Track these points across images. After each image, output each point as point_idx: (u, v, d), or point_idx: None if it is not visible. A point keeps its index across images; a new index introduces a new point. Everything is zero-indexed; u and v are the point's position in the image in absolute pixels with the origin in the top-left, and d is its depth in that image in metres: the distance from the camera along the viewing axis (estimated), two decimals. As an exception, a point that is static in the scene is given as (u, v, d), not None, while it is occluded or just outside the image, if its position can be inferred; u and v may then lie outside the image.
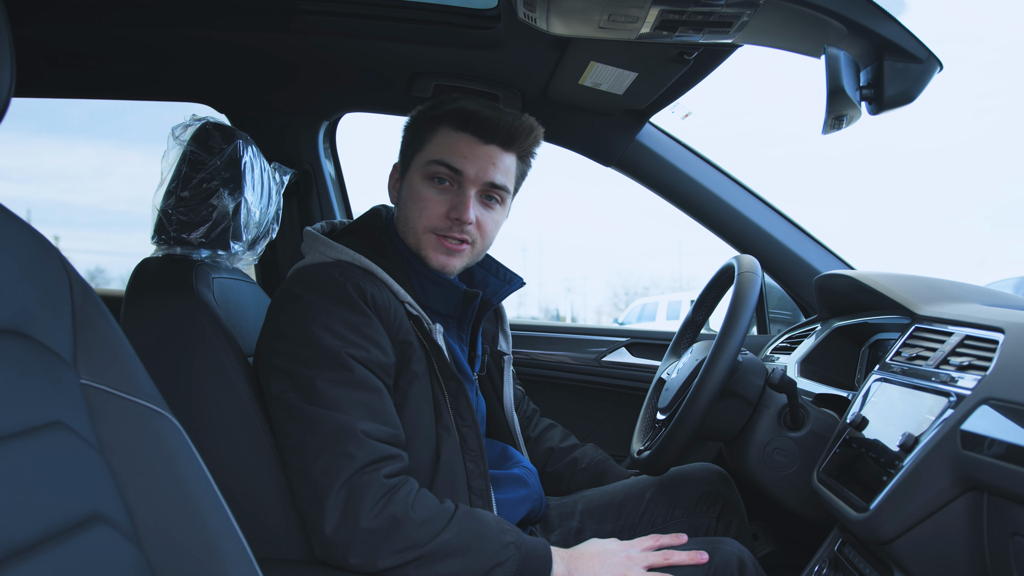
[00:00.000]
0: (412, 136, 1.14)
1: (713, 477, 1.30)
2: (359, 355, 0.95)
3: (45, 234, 0.63)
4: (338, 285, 0.99)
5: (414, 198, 1.10)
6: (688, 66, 1.35)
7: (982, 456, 0.70)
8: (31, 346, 0.58)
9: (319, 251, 1.09)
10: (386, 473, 0.90)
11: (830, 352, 1.36)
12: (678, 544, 1.03)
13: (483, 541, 0.91)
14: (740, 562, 1.02)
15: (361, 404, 0.93)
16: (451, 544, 0.89)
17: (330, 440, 0.90)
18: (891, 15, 0.92)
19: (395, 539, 0.87)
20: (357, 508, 0.87)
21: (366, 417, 0.92)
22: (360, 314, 0.97)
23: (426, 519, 0.90)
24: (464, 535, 0.91)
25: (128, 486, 0.61)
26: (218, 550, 0.64)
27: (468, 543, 0.90)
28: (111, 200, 71.12)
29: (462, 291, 1.13)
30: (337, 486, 0.87)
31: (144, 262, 1.17)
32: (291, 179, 1.43)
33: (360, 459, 0.89)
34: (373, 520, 0.87)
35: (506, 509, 1.11)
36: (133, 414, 0.63)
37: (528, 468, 1.22)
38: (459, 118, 1.08)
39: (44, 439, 0.55)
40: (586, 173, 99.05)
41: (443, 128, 1.10)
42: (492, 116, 1.08)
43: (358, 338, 0.96)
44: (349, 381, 0.93)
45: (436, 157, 1.08)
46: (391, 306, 1.02)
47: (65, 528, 0.54)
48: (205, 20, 1.40)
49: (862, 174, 77.17)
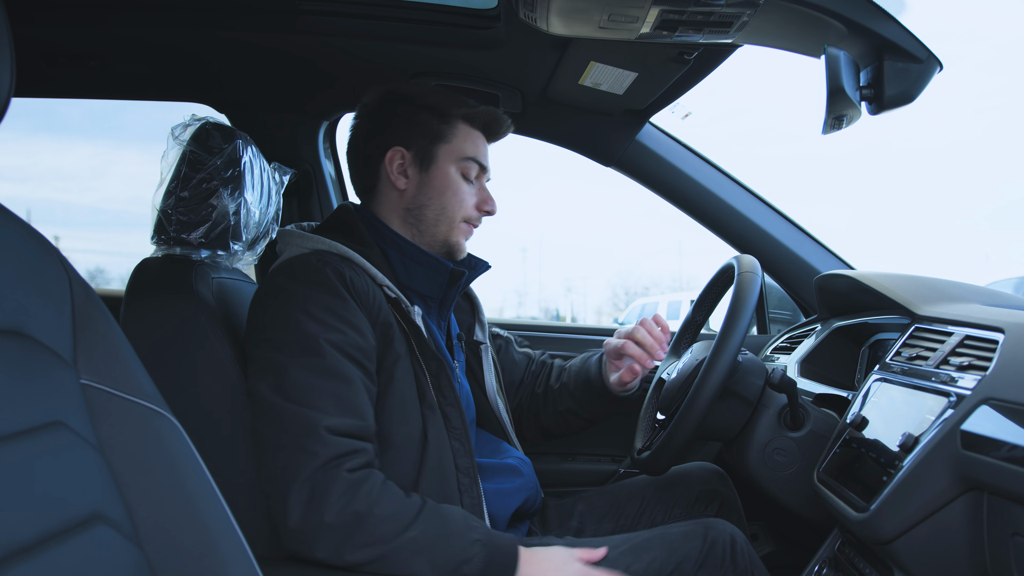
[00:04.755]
0: (421, 126, 1.15)
1: (711, 476, 1.31)
2: (336, 340, 0.95)
3: (45, 234, 0.63)
4: (317, 271, 1.00)
5: (453, 189, 1.16)
6: (688, 66, 1.35)
7: (982, 456, 0.70)
8: (31, 346, 0.58)
9: (295, 245, 1.10)
10: (349, 468, 0.89)
11: (830, 352, 1.36)
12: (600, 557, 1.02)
13: (449, 539, 0.91)
14: (732, 539, 1.04)
15: (330, 394, 0.93)
16: (417, 542, 0.89)
17: (294, 436, 0.90)
18: (891, 15, 0.92)
19: (360, 534, 0.87)
20: (320, 504, 0.86)
21: (333, 409, 0.92)
22: (338, 297, 0.98)
23: (391, 514, 0.89)
24: (430, 532, 0.90)
25: (128, 486, 0.61)
26: (218, 550, 0.64)
27: (435, 540, 0.90)
28: (109, 199, 71.11)
29: (449, 269, 1.14)
30: (299, 482, 0.87)
31: (144, 262, 1.17)
32: (291, 179, 1.43)
33: (323, 456, 0.88)
34: (337, 516, 0.86)
35: (500, 499, 1.11)
36: (133, 414, 0.63)
37: (521, 458, 1.22)
38: (479, 119, 1.18)
39: (44, 439, 0.55)
40: (586, 173, 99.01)
41: (462, 124, 1.17)
42: (503, 120, 1.21)
43: (337, 322, 0.97)
44: (321, 369, 0.93)
45: (470, 154, 1.17)
46: (369, 289, 1.03)
47: (65, 528, 0.54)
48: (205, 20, 1.40)
49: (862, 174, 77.09)
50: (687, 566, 1.02)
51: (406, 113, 1.16)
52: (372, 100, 1.19)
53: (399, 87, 1.19)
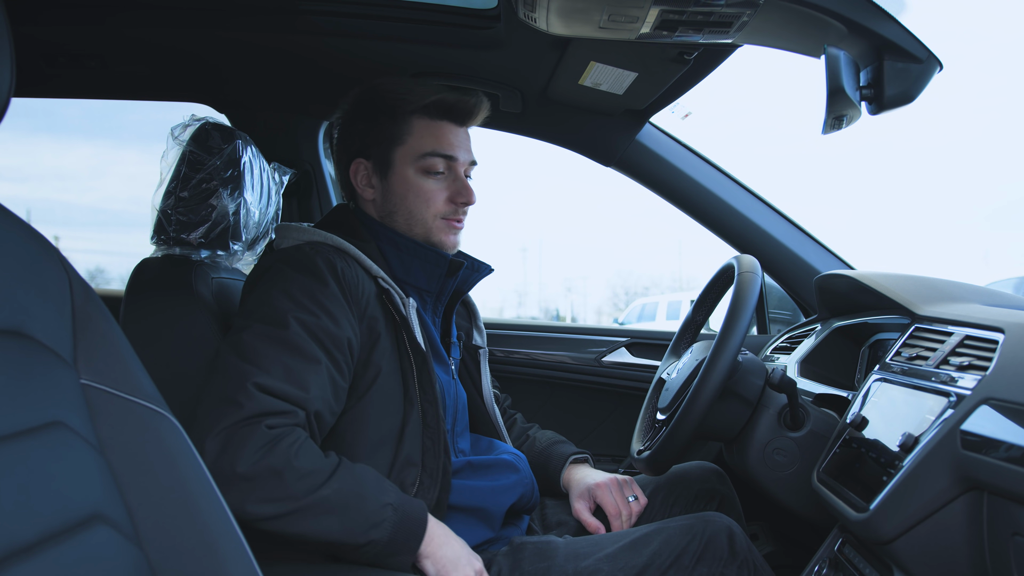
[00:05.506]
0: (376, 131, 1.14)
1: (710, 475, 1.31)
2: (307, 320, 0.95)
3: (45, 234, 0.63)
4: (307, 257, 1.01)
5: (415, 192, 1.13)
6: (688, 66, 1.35)
7: (982, 456, 0.70)
8: (31, 346, 0.58)
9: (292, 236, 1.11)
10: (269, 424, 0.88)
11: (830, 352, 1.36)
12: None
13: (362, 500, 0.90)
14: (730, 532, 1.05)
15: (280, 363, 0.92)
16: (329, 500, 0.87)
17: (225, 386, 0.89)
18: (891, 15, 0.92)
19: (270, 488, 0.85)
20: (235, 455, 0.84)
21: (276, 375, 0.90)
22: (321, 283, 0.99)
23: (308, 472, 0.87)
24: (343, 493, 0.89)
25: (128, 486, 0.61)
26: (218, 550, 0.64)
27: (346, 501, 0.89)
28: (109, 199, 71.16)
29: (447, 260, 1.14)
30: (216, 430, 0.85)
31: (143, 262, 1.17)
32: (291, 179, 1.43)
33: (247, 410, 0.87)
34: (250, 468, 0.84)
35: (495, 496, 1.11)
36: (133, 414, 0.63)
37: (516, 454, 1.22)
38: (437, 108, 1.13)
39: (44, 439, 0.55)
40: (586, 173, 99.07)
41: (418, 119, 1.13)
42: (466, 102, 1.15)
43: (312, 305, 0.97)
44: (280, 339, 0.93)
45: (428, 150, 1.13)
46: (360, 282, 1.03)
47: (65, 528, 0.54)
48: (205, 20, 1.40)
49: (862, 174, 77.17)
50: (686, 560, 1.02)
51: (366, 118, 1.15)
52: (345, 106, 1.19)
53: (366, 89, 1.17)
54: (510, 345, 1.90)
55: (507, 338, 1.91)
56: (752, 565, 1.04)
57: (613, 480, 1.24)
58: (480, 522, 1.10)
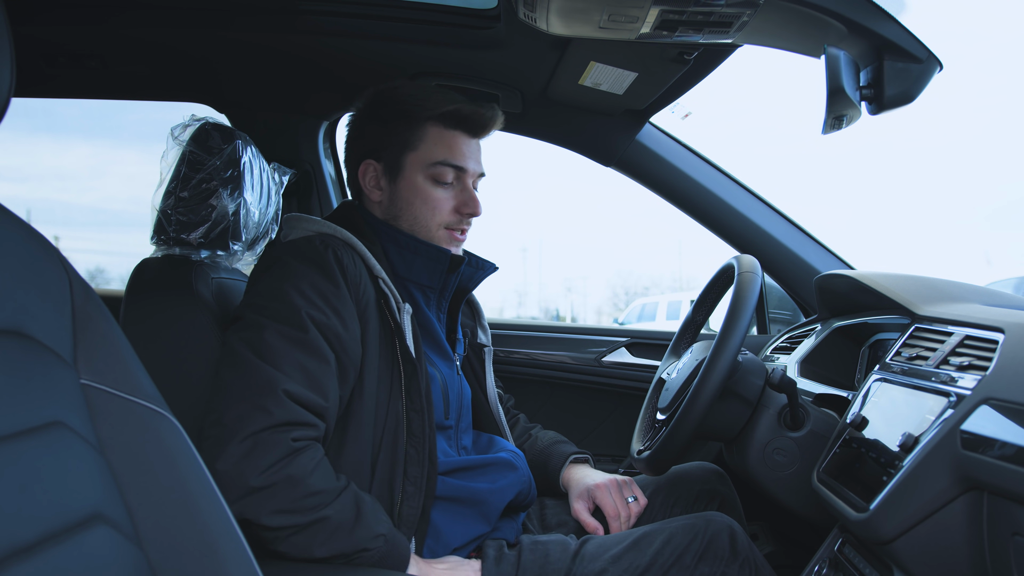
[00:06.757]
0: (390, 134, 1.14)
1: (710, 476, 1.31)
2: (319, 318, 0.96)
3: (45, 234, 0.63)
4: (319, 252, 1.01)
5: (423, 198, 1.14)
6: (688, 66, 1.35)
7: (982, 456, 0.70)
8: (31, 346, 0.58)
9: (302, 228, 1.11)
10: (295, 436, 0.89)
11: (830, 352, 1.36)
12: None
13: (357, 527, 0.91)
14: (732, 531, 1.05)
15: (300, 365, 0.92)
16: (329, 521, 0.89)
17: (253, 390, 0.89)
18: (891, 15, 0.92)
19: (282, 498, 0.86)
20: (257, 462, 0.85)
21: (299, 380, 0.92)
22: (332, 282, 0.99)
23: (319, 490, 0.89)
24: (342, 516, 0.90)
25: (128, 486, 0.61)
26: (218, 550, 0.64)
27: (343, 525, 0.90)
28: (108, 199, 71.16)
29: (448, 255, 1.14)
30: (243, 435, 0.86)
31: (143, 262, 1.17)
32: (291, 179, 1.43)
33: (277, 417, 0.88)
34: (267, 477, 0.85)
35: (493, 496, 1.12)
36: (133, 414, 0.63)
37: (514, 451, 1.22)
38: (453, 118, 1.13)
39: (44, 439, 0.55)
40: (586, 173, 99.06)
41: (432, 126, 1.13)
42: (481, 114, 1.15)
43: (324, 304, 0.97)
44: (299, 341, 0.94)
45: (440, 159, 1.13)
46: (361, 279, 1.04)
47: (65, 528, 0.54)
48: (205, 20, 1.40)
49: (862, 174, 77.14)
50: (688, 559, 1.02)
51: (381, 120, 1.15)
52: (360, 105, 1.19)
53: (383, 91, 1.17)
54: (510, 345, 1.90)
55: (507, 338, 1.91)
56: (753, 564, 1.04)
57: (612, 481, 1.24)
58: (477, 517, 1.10)
